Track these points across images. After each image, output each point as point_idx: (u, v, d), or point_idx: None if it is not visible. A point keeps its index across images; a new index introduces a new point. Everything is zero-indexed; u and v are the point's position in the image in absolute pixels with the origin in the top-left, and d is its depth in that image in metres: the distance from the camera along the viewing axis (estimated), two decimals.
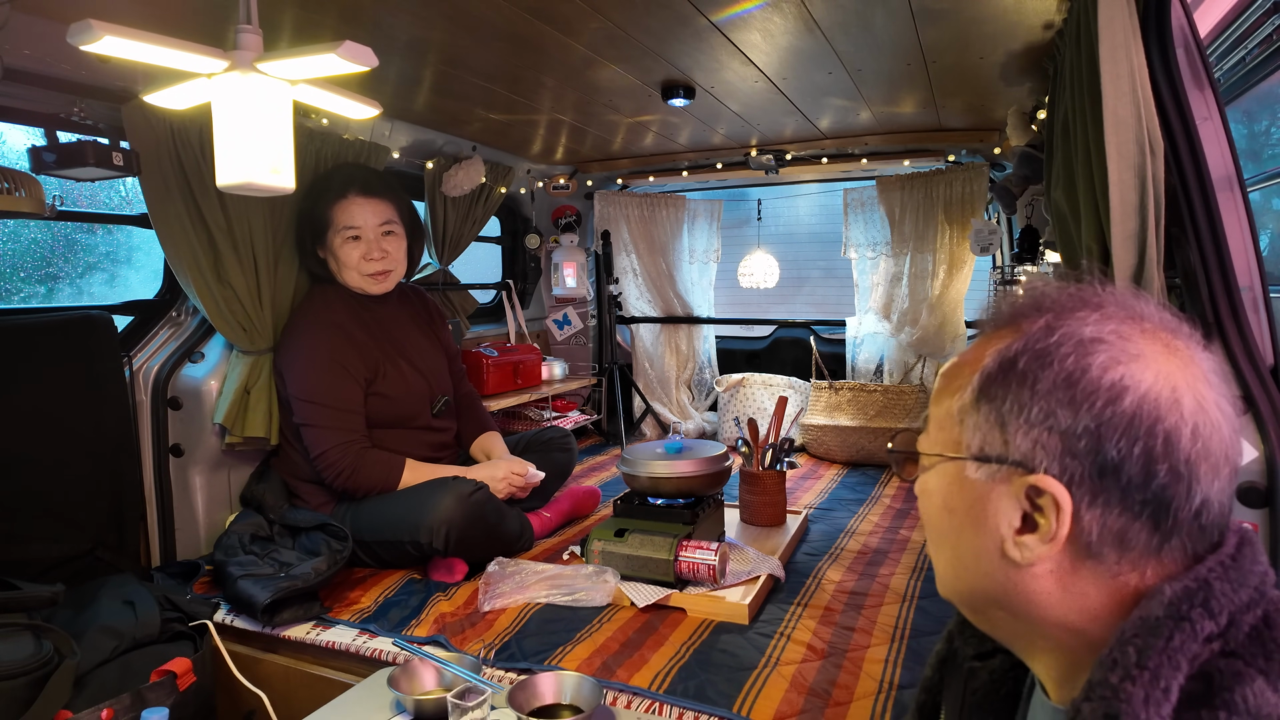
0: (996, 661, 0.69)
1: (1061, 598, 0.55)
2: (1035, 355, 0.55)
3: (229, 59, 1.26)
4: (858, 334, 3.53)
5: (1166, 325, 0.56)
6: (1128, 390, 0.52)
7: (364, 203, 2.11)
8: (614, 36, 1.76)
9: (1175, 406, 0.52)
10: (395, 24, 1.64)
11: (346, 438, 2.01)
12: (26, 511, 1.73)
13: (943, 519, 0.61)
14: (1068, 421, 0.53)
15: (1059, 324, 0.55)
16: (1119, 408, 0.52)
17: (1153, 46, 1.20)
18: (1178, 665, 0.48)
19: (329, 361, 2.04)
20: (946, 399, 0.61)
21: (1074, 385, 0.53)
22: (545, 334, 3.84)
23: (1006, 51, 1.90)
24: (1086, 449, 0.52)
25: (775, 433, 2.32)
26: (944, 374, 0.63)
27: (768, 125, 2.74)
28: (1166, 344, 0.54)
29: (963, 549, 0.59)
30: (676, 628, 1.64)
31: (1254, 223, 1.24)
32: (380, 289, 2.17)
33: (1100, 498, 0.52)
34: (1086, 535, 0.53)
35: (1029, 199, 2.46)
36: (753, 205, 4.05)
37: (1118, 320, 0.55)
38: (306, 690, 1.61)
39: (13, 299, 5.22)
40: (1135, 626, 0.50)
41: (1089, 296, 0.58)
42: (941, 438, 0.61)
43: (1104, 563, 0.53)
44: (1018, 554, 0.55)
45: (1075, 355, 0.53)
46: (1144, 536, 0.52)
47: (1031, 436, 0.54)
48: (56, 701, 1.29)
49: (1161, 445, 0.51)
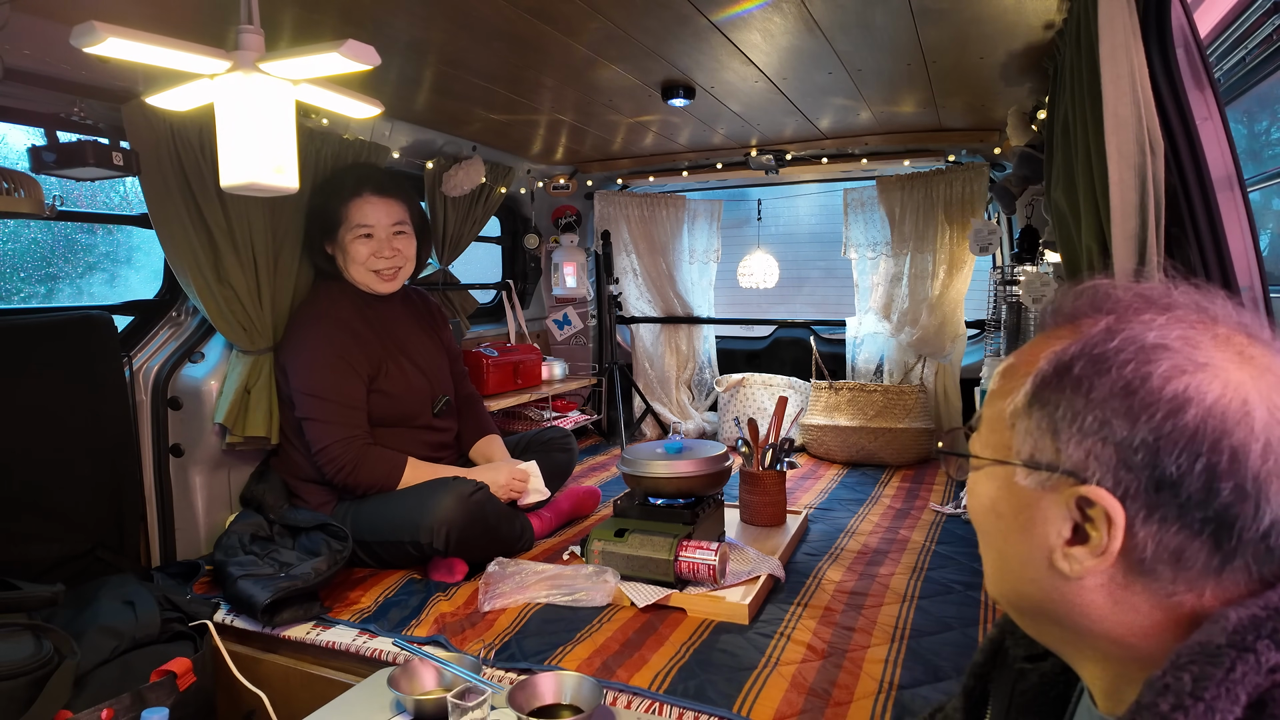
0: (1047, 665, 0.67)
1: (1111, 611, 0.52)
2: (1092, 360, 0.52)
3: (231, 59, 1.27)
4: (858, 334, 3.53)
5: (1244, 328, 0.52)
6: (1191, 402, 0.48)
7: (378, 202, 2.14)
8: (614, 36, 1.76)
9: (1245, 420, 0.48)
10: (395, 24, 1.64)
11: (349, 433, 2.02)
12: (27, 511, 1.73)
13: (990, 521, 0.59)
14: (1124, 433, 0.50)
15: (1120, 327, 0.52)
16: (1180, 421, 0.48)
17: (1153, 46, 1.20)
18: (1236, 699, 0.44)
19: (333, 356, 2.05)
20: (999, 400, 0.58)
21: (1132, 395, 0.49)
22: (545, 334, 3.84)
23: (1006, 51, 1.90)
24: (1143, 462, 0.49)
25: (775, 433, 2.32)
26: (1000, 373, 0.60)
27: (768, 125, 2.74)
28: (1240, 350, 0.51)
29: (1009, 554, 0.57)
30: (676, 628, 1.64)
31: (1254, 223, 1.24)
32: (388, 288, 2.19)
33: (1157, 513, 0.49)
34: (1140, 551, 0.50)
35: (1029, 199, 2.46)
36: (753, 205, 4.05)
37: (1186, 325, 0.51)
38: (306, 690, 1.61)
39: (13, 299, 5.21)
40: (1193, 653, 0.47)
41: (1157, 297, 0.54)
42: (993, 440, 0.58)
43: (1158, 580, 0.50)
44: (1066, 566, 0.53)
45: (1135, 362, 0.50)
46: (1203, 556, 0.49)
47: (1085, 446, 0.51)
48: (56, 701, 1.29)
49: (1227, 461, 0.48)
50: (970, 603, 1.75)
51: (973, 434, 0.62)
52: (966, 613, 1.71)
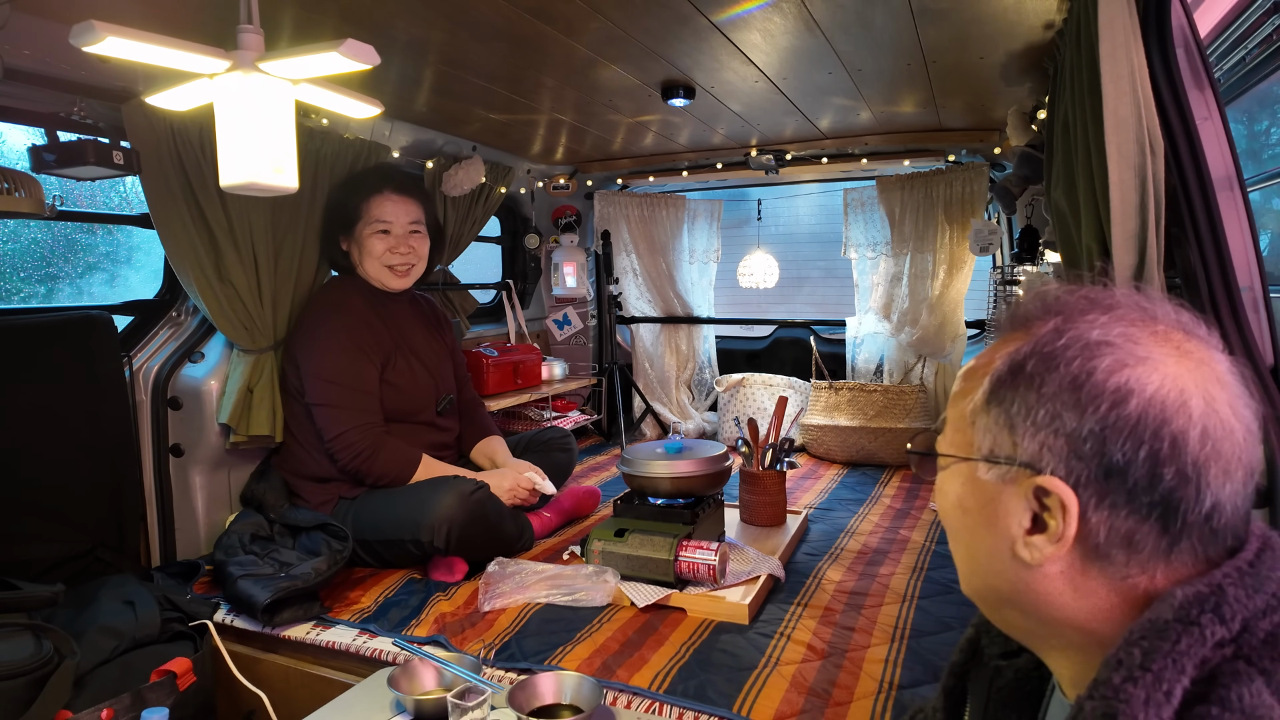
0: (1021, 661, 0.70)
1: (1072, 598, 0.55)
2: (1043, 358, 0.55)
3: (231, 59, 1.27)
4: (858, 334, 3.53)
5: (1181, 326, 0.56)
6: (1133, 393, 0.52)
7: (398, 200, 2.19)
8: (614, 36, 1.76)
9: (1183, 409, 0.51)
10: (395, 24, 1.64)
11: (367, 419, 2.04)
12: (27, 511, 1.73)
13: (957, 518, 0.62)
14: (1073, 424, 0.53)
15: (1067, 327, 0.56)
16: (1124, 411, 0.52)
17: (1153, 46, 1.20)
18: (1182, 669, 0.47)
19: (350, 343, 2.08)
20: (961, 401, 0.61)
21: (1079, 388, 0.53)
22: (545, 334, 3.84)
23: (1006, 51, 1.90)
24: (1092, 451, 0.52)
25: (775, 433, 2.32)
26: (961, 376, 0.64)
27: (768, 125, 2.74)
28: (1178, 346, 0.54)
29: (977, 548, 0.61)
30: (676, 628, 1.64)
31: (1254, 223, 1.24)
32: (400, 284, 2.22)
33: (1107, 499, 0.53)
34: (1094, 536, 0.53)
35: (1029, 199, 2.46)
36: (753, 205, 4.05)
37: (1127, 323, 0.55)
38: (306, 690, 1.61)
39: (13, 299, 5.22)
40: (1143, 628, 0.50)
41: (1100, 299, 0.58)
42: (956, 439, 0.62)
43: (1113, 564, 0.54)
44: (1027, 554, 0.56)
45: (1081, 358, 0.54)
46: (1152, 539, 0.52)
47: (1039, 439, 0.55)
48: (56, 701, 1.29)
49: (1168, 448, 0.51)
50: (970, 603, 1.75)
51: (938, 436, 0.65)
52: (966, 613, 1.71)
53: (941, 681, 0.79)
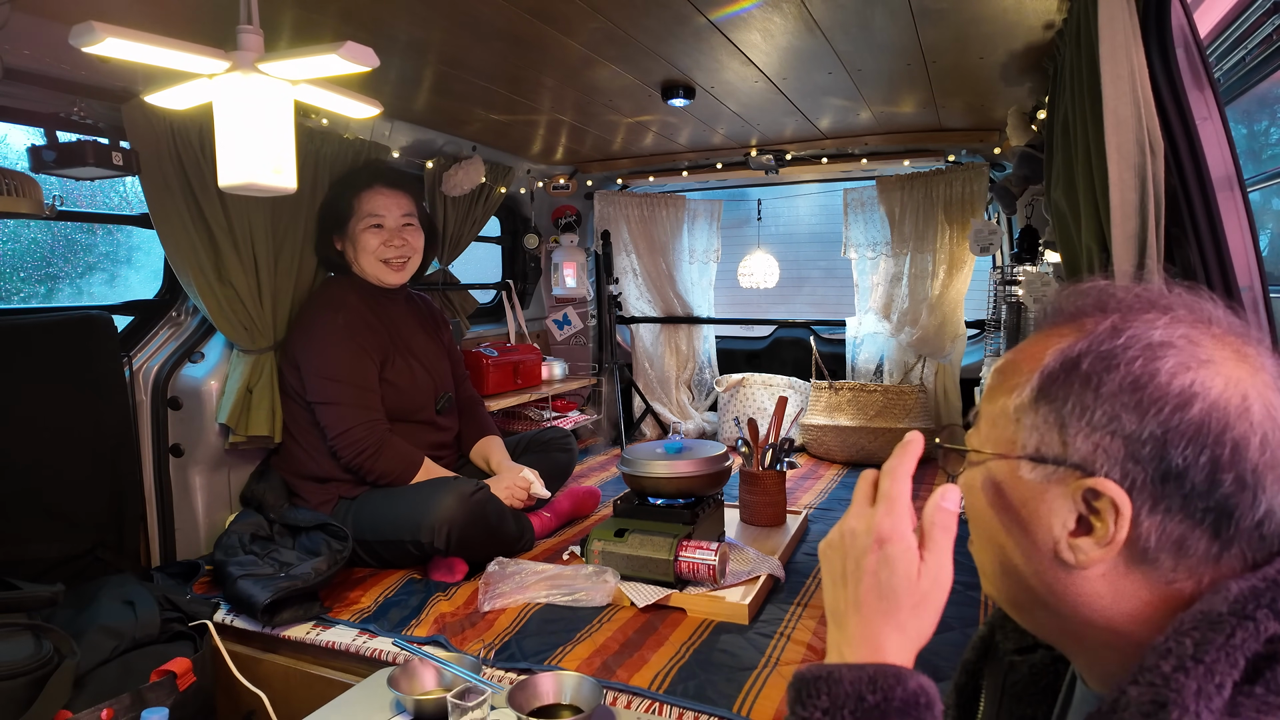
0: (1037, 656, 0.69)
1: (1111, 601, 0.54)
2: (1100, 357, 0.54)
3: (230, 59, 1.27)
4: (858, 334, 3.53)
5: (1236, 330, 0.55)
6: (1197, 397, 0.50)
7: (389, 194, 2.20)
8: (614, 36, 1.76)
9: (1245, 414, 0.50)
10: (395, 24, 1.64)
11: (370, 416, 2.05)
12: (27, 511, 1.73)
13: (990, 517, 0.60)
14: (1133, 426, 0.51)
15: (1126, 325, 0.54)
16: (1187, 415, 0.50)
17: (1153, 46, 1.20)
18: (1235, 663, 0.46)
19: (349, 341, 2.08)
20: (1001, 396, 0.59)
21: (1141, 390, 0.51)
22: (545, 334, 3.84)
23: (1006, 51, 1.90)
24: (1151, 455, 0.51)
25: (775, 433, 2.32)
26: (998, 370, 0.61)
27: (768, 125, 2.74)
28: (1237, 350, 0.53)
29: (1010, 547, 0.58)
30: (676, 628, 1.64)
31: (1254, 223, 1.23)
32: (396, 278, 2.22)
33: (1161, 504, 0.51)
34: (1144, 541, 0.52)
35: (1029, 199, 2.46)
36: (753, 205, 4.05)
37: (1187, 324, 0.54)
38: (306, 690, 1.61)
39: (13, 299, 5.22)
40: (1195, 619, 0.49)
41: (1156, 298, 0.56)
42: (994, 435, 0.59)
43: (1159, 569, 0.52)
44: (1071, 556, 0.54)
45: (1144, 359, 0.52)
46: (1203, 544, 0.51)
47: (1093, 440, 0.53)
48: (56, 701, 1.29)
49: (1229, 454, 0.50)
50: (970, 603, 1.75)
51: (970, 431, 0.63)
52: (966, 613, 1.71)
53: (954, 679, 0.78)
